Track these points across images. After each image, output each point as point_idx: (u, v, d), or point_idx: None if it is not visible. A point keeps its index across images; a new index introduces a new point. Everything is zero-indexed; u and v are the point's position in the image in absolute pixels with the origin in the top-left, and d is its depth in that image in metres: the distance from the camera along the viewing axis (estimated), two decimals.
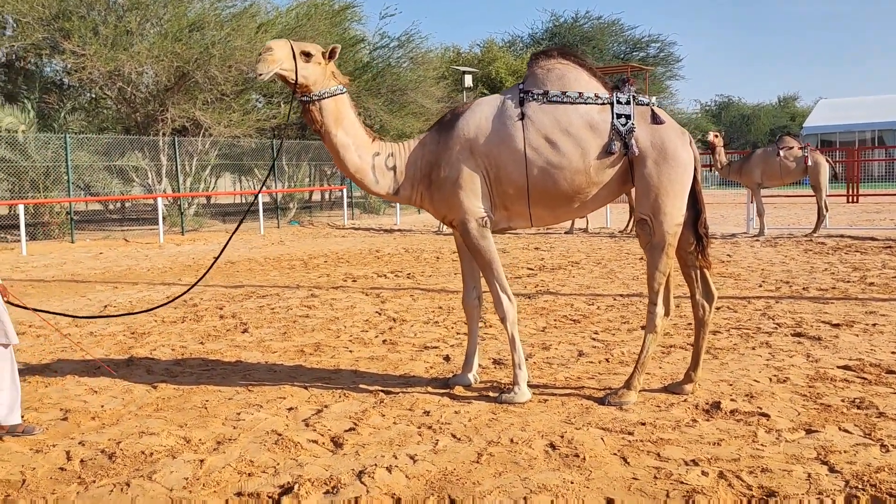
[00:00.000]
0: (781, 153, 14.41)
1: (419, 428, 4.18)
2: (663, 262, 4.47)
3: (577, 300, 8.19)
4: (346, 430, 4.17)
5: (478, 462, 3.66)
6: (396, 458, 3.73)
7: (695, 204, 4.59)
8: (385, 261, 12.70)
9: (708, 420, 4.15)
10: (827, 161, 14.67)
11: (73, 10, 19.13)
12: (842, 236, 14.18)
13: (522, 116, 4.52)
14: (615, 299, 8.18)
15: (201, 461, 3.76)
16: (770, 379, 4.89)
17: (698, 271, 4.68)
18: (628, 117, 4.47)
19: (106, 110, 22.56)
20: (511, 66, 33.76)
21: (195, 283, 5.56)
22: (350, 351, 6.11)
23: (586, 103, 4.50)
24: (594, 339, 6.28)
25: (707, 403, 4.41)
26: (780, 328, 6.39)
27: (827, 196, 14.75)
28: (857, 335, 6.05)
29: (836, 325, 6.41)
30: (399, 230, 20.06)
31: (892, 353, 5.47)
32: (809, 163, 14.29)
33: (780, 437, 3.83)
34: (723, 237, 14.73)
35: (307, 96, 4.61)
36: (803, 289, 8.42)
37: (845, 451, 3.60)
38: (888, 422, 4.00)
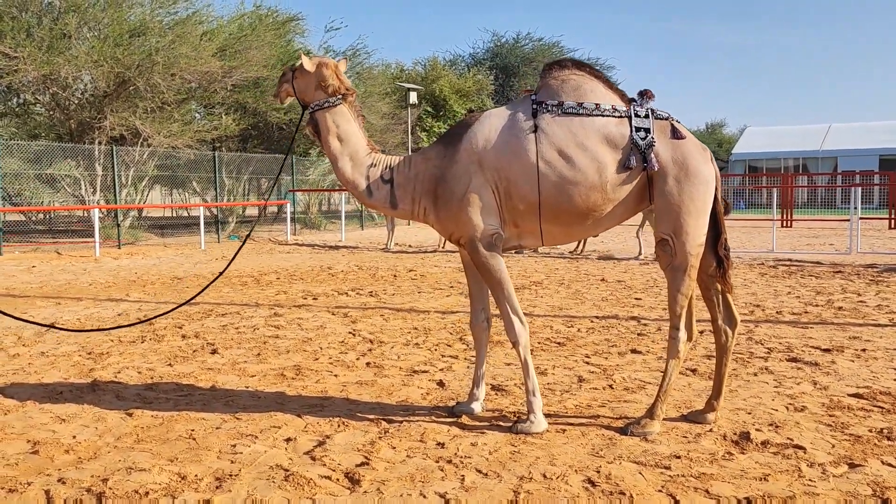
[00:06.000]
0: None
1: (437, 462, 3.86)
2: (686, 285, 4.27)
3: (554, 322, 7.98)
4: (357, 465, 3.82)
5: (516, 501, 3.36)
6: (425, 496, 3.41)
7: (715, 224, 4.41)
8: (341, 278, 12.30)
9: (742, 452, 3.95)
10: None
11: (4, 11, 18.20)
12: (790, 260, 14.40)
13: (535, 129, 4.27)
14: (592, 321, 8.00)
15: (207, 501, 3.36)
16: (787, 408, 4.74)
17: (720, 295, 4.50)
18: (648, 131, 4.27)
19: (37, 116, 21.51)
20: (454, 85, 33.70)
21: (196, 295, 5.12)
22: (335, 375, 5.74)
23: (603, 116, 4.29)
24: (587, 363, 6.06)
25: (735, 434, 4.21)
26: (772, 353, 6.29)
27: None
28: (853, 361, 5.98)
29: (827, 351, 6.34)
30: (345, 246, 19.63)
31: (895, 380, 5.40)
32: None
33: (825, 472, 3.65)
34: None
35: (308, 109, 4.64)
36: (777, 312, 8.40)
37: None
38: None
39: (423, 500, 3.37)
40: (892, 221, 25.17)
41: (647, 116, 4.32)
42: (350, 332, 7.42)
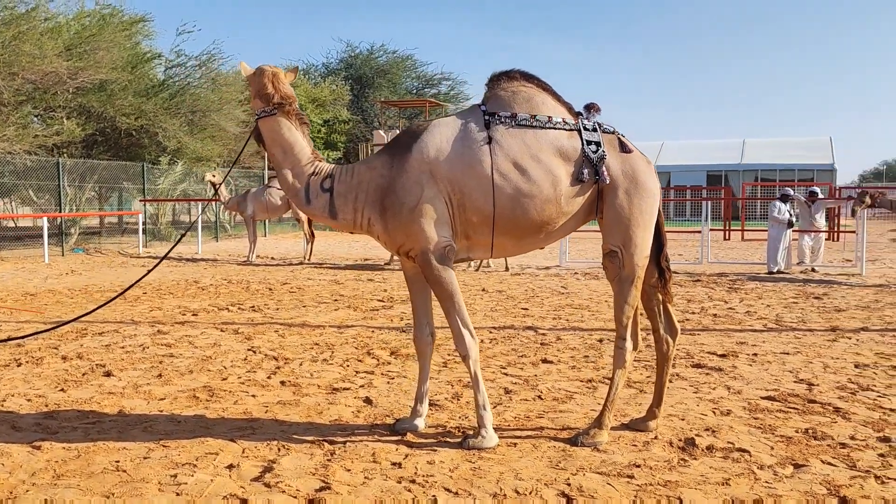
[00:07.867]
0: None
1: (400, 482, 3.72)
2: (633, 295, 4.36)
3: None
4: (318, 490, 3.61)
5: None
6: None
7: (658, 236, 4.53)
8: (213, 292, 11.73)
9: (694, 458, 4.06)
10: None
11: None
12: None
13: (489, 140, 4.23)
14: (491, 332, 8.05)
15: None
16: (714, 412, 4.94)
17: (661, 305, 4.63)
18: (599, 144, 4.33)
19: None
20: (310, 94, 33.17)
21: (99, 307, 4.65)
22: (252, 395, 5.43)
23: (555, 128, 4.31)
24: (506, 374, 6.07)
25: (680, 440, 4.33)
26: (676, 360, 6.54)
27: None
28: (750, 365, 6.33)
29: (724, 356, 6.68)
30: (203, 259, 18.77)
31: (795, 382, 5.76)
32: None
33: (777, 474, 3.81)
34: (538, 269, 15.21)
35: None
36: None
37: (850, 486, 3.64)
38: (856, 452, 4.13)
39: None
40: (727, 233, 27.16)
41: (595, 130, 4.38)
42: (250, 350, 7.06)
